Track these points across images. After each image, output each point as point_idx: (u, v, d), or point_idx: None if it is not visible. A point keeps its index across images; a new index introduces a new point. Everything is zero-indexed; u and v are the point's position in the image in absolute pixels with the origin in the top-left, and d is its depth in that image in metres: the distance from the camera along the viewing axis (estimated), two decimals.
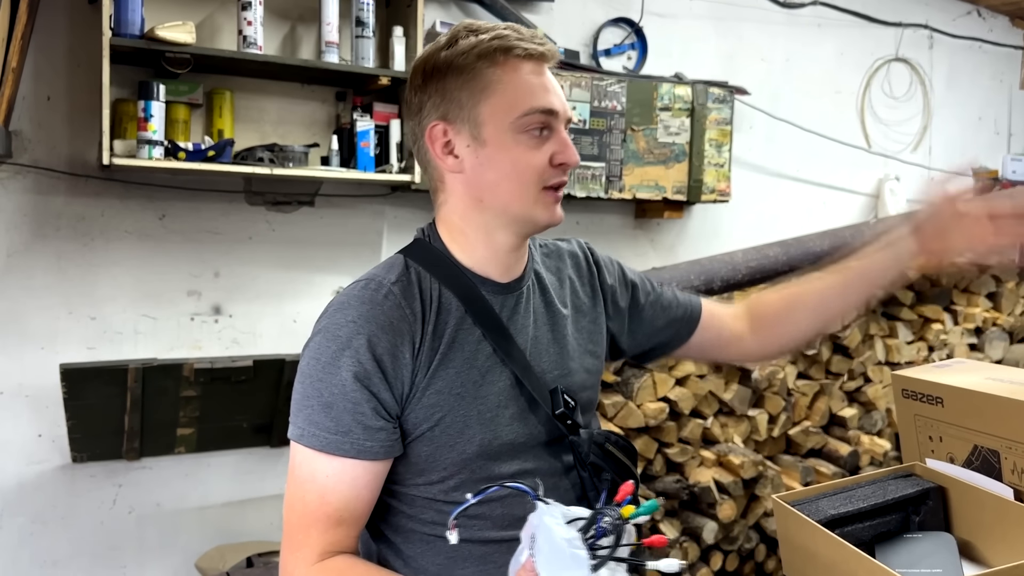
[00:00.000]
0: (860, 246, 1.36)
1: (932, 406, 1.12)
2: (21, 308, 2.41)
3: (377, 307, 1.07)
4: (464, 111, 1.09)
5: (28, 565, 2.46)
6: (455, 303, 1.12)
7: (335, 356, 1.06)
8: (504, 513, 1.11)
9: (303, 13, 2.65)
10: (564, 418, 1.15)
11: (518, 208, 1.11)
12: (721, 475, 2.99)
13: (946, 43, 4.06)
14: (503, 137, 1.08)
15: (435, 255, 1.15)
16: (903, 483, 1.10)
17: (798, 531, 1.02)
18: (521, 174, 1.09)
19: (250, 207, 2.67)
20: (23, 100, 2.35)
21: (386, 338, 1.06)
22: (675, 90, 3.11)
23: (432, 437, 1.09)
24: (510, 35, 1.09)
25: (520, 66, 1.09)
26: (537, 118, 1.08)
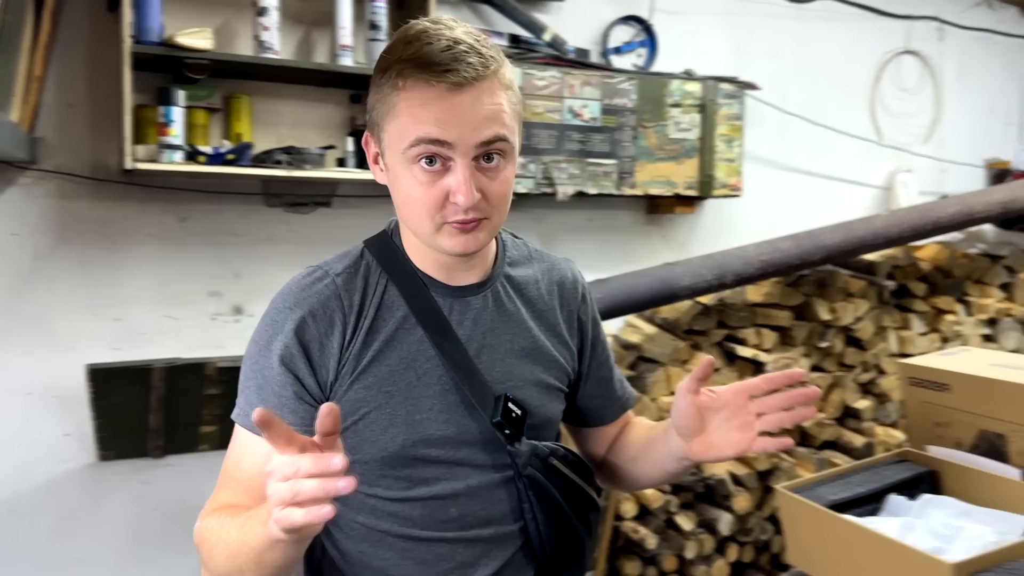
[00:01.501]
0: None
1: (939, 392, 1.15)
2: (47, 311, 2.46)
3: (313, 295, 1.08)
4: (377, 129, 1.07)
5: (57, 562, 2.51)
6: (400, 301, 1.11)
7: (268, 340, 1.08)
8: (424, 515, 1.11)
9: (317, 17, 2.69)
10: (502, 427, 1.10)
11: (423, 235, 1.08)
12: (736, 467, 3.02)
13: (956, 35, 4.06)
14: (399, 165, 1.04)
15: (391, 251, 1.15)
16: (897, 468, 1.13)
17: (803, 517, 1.05)
18: (415, 207, 1.04)
19: (268, 209, 2.71)
20: (47, 107, 2.40)
21: (315, 325, 1.07)
22: (685, 86, 3.14)
23: (356, 430, 1.09)
24: (425, 54, 1.00)
25: (417, 91, 1.01)
26: (422, 149, 1.01)
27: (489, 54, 1.04)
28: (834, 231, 3.19)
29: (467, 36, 1.03)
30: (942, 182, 4.08)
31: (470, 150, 1.02)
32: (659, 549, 2.91)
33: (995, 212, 3.47)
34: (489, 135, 1.02)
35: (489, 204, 1.05)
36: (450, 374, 1.10)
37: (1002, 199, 3.48)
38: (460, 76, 1.00)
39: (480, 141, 1.02)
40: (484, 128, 1.02)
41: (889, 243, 3.29)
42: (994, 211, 3.47)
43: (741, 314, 3.22)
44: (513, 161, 1.08)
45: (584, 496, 1.19)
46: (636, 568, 2.94)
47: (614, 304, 2.83)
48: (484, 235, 1.07)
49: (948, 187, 4.04)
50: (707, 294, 3.07)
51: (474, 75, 1.01)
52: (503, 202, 1.08)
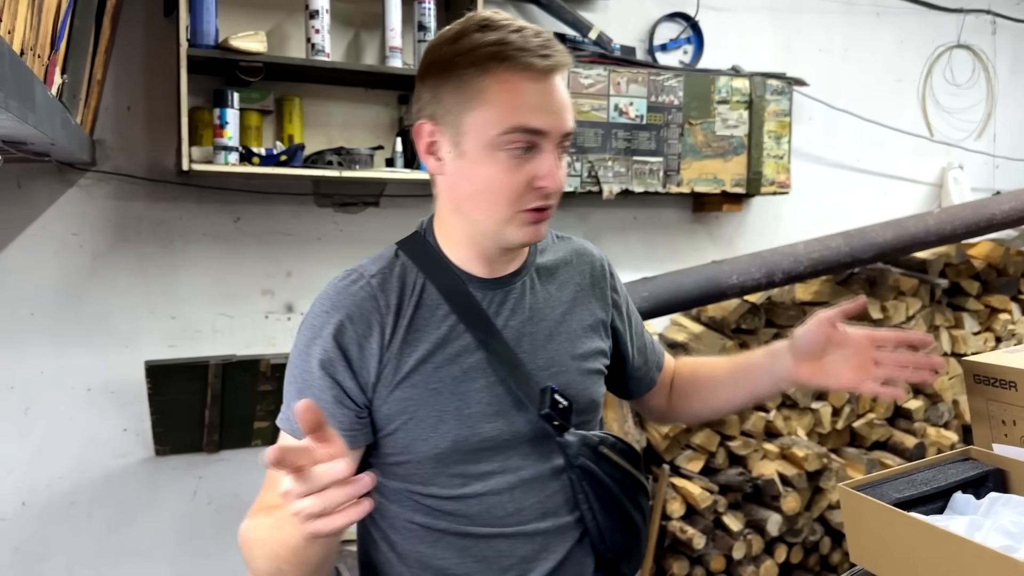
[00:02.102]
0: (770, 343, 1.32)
1: (1005, 390, 1.14)
2: (106, 308, 2.53)
3: (349, 298, 1.08)
4: (450, 116, 1.05)
5: (116, 554, 2.58)
6: (439, 298, 1.11)
7: (308, 345, 1.08)
8: (480, 511, 1.11)
9: (367, 20, 2.72)
10: (550, 418, 1.11)
11: (490, 225, 1.08)
12: (785, 468, 2.99)
13: (1010, 28, 3.98)
14: (481, 152, 1.04)
15: (425, 249, 1.14)
16: (962, 467, 1.11)
17: (870, 516, 1.04)
18: (494, 193, 1.04)
19: (319, 209, 2.76)
20: (105, 110, 2.47)
21: (352, 328, 1.07)
22: (732, 83, 3.12)
23: (407, 430, 1.08)
24: (513, 41, 1.02)
25: (514, 79, 1.02)
26: (519, 137, 1.02)
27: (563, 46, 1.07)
28: (885, 228, 3.15)
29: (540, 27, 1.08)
30: (995, 178, 4.00)
31: (557, 138, 1.05)
32: (707, 549, 2.89)
33: None
34: (569, 127, 1.06)
35: (558, 194, 1.09)
36: (494, 368, 1.10)
37: None
38: (554, 60, 1.03)
39: (565, 131, 1.05)
40: (567, 118, 1.06)
41: (941, 240, 3.24)
42: None
43: (790, 312, 3.19)
44: None
45: (636, 482, 1.19)
46: (683, 568, 2.92)
47: (660, 302, 2.82)
48: (545, 227, 1.10)
49: (1001, 183, 3.96)
50: (755, 292, 3.05)
51: (563, 61, 1.05)
52: (562, 193, 1.11)
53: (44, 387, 2.47)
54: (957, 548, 0.92)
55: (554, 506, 1.14)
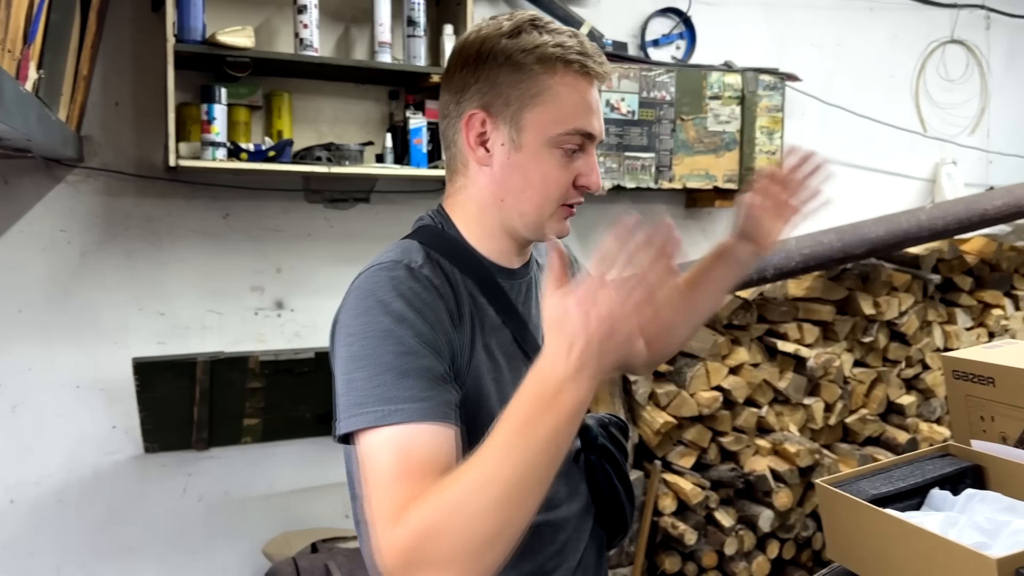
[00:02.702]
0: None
1: (984, 386, 1.13)
2: (94, 305, 2.52)
3: (415, 283, 1.02)
4: (509, 110, 1.07)
5: (105, 551, 2.58)
6: (475, 289, 1.11)
7: (393, 326, 0.98)
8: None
9: (356, 14, 2.71)
10: None
11: (534, 217, 1.11)
12: (777, 464, 2.99)
13: (1004, 23, 3.97)
14: (540, 148, 1.07)
15: (450, 242, 1.13)
16: (940, 463, 1.11)
17: (846, 512, 1.04)
18: (547, 188, 1.09)
19: (309, 205, 2.75)
20: (93, 106, 2.46)
21: (432, 312, 1.01)
22: (725, 78, 3.11)
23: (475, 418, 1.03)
24: (573, 46, 1.07)
25: (575, 82, 1.07)
26: (576, 139, 1.07)
27: None
28: (877, 224, 3.14)
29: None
30: (988, 174, 3.99)
31: (598, 142, 1.12)
32: (699, 545, 2.89)
33: None
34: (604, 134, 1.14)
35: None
36: (526, 358, 1.11)
37: None
38: (607, 68, 1.10)
39: (604, 138, 1.14)
40: (603, 125, 1.13)
41: (934, 236, 3.23)
42: None
43: (782, 308, 3.19)
44: None
45: (627, 455, 1.25)
46: (675, 564, 2.92)
47: None
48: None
49: (994, 179, 3.96)
50: (747, 288, 3.04)
51: (607, 74, 1.11)
52: None
53: (32, 384, 2.47)
54: (931, 545, 0.92)
55: (575, 488, 1.18)
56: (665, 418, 2.89)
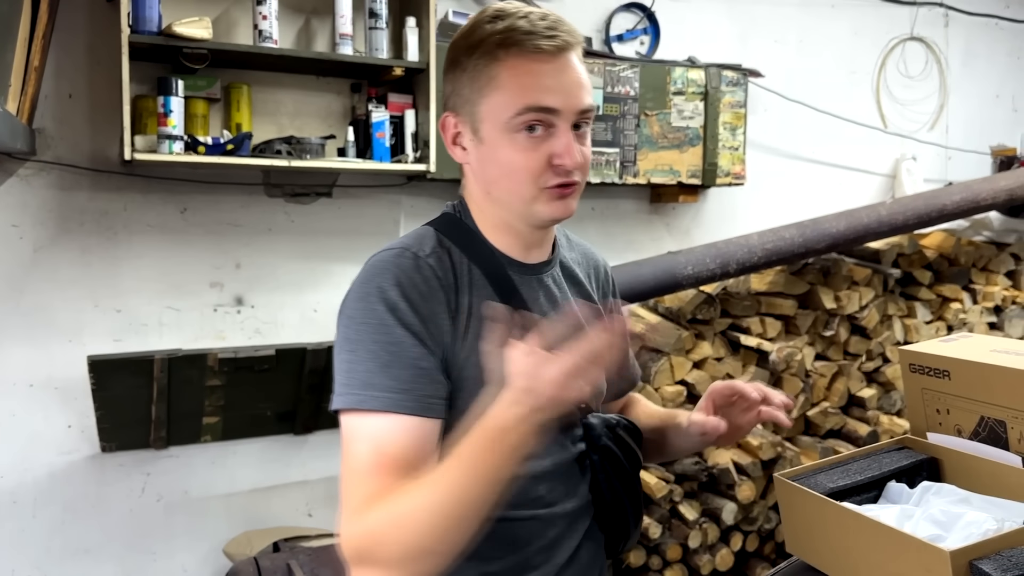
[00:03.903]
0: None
1: (939, 379, 1.14)
2: (48, 302, 2.46)
3: (416, 273, 1.06)
4: (468, 106, 1.09)
5: (61, 553, 2.52)
6: (484, 281, 1.11)
7: (384, 316, 1.02)
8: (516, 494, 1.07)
9: (317, 6, 2.68)
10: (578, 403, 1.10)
11: (518, 205, 1.10)
12: (740, 456, 3.01)
13: (962, 20, 4.03)
14: (498, 136, 1.07)
15: (465, 231, 1.15)
16: (897, 455, 1.12)
17: (802, 505, 1.04)
18: (515, 174, 1.07)
19: (269, 199, 2.71)
20: (45, 98, 2.40)
21: (426, 305, 1.04)
22: (688, 74, 3.12)
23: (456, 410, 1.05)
24: (520, 27, 1.06)
25: (522, 62, 1.06)
26: (530, 116, 1.05)
27: (573, 26, 1.10)
28: (838, 219, 3.17)
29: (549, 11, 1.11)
30: (948, 169, 4.05)
31: (571, 116, 1.06)
32: (663, 539, 2.90)
33: (1000, 199, 3.44)
34: (587, 103, 1.08)
35: (581, 170, 1.10)
36: None
37: (1008, 186, 3.45)
38: (561, 40, 1.06)
39: (580, 108, 1.07)
40: (581, 95, 1.08)
41: (894, 231, 3.27)
42: (999, 198, 3.44)
43: (745, 303, 3.21)
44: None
45: (639, 459, 1.22)
46: (640, 558, 2.93)
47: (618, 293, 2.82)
48: (575, 202, 1.11)
49: (954, 174, 4.01)
50: (710, 283, 3.06)
51: (571, 41, 1.08)
52: (588, 169, 1.13)
53: None
54: (886, 538, 0.92)
55: (574, 486, 1.17)
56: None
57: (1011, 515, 0.95)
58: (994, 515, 0.95)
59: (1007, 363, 1.06)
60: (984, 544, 0.86)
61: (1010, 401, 1.06)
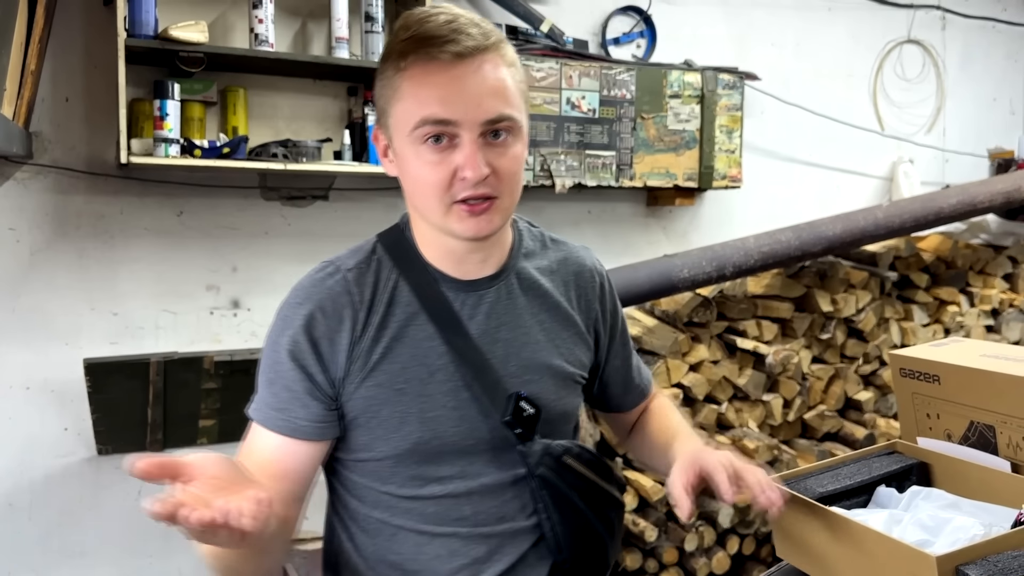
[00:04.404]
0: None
1: (929, 384, 1.15)
2: (45, 305, 2.47)
3: (324, 291, 1.08)
4: (384, 118, 1.07)
5: (57, 556, 2.52)
6: (411, 297, 1.10)
7: (279, 335, 1.08)
8: (437, 512, 1.11)
9: (313, 9, 2.68)
10: (513, 426, 1.09)
11: (434, 220, 1.06)
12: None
13: (959, 23, 4.03)
14: (407, 148, 1.03)
15: (403, 245, 1.13)
16: (887, 460, 1.12)
17: (791, 509, 1.04)
18: (422, 187, 1.04)
19: (266, 202, 2.71)
20: (42, 102, 2.41)
21: (324, 321, 1.06)
22: (685, 77, 3.12)
23: (369, 428, 1.09)
24: (422, 33, 1.01)
25: (418, 73, 1.01)
26: (428, 129, 1.00)
27: (489, 28, 1.05)
28: (834, 222, 3.17)
29: (467, 14, 1.05)
30: (945, 172, 4.06)
31: (475, 127, 1.00)
32: (659, 542, 2.90)
33: (997, 202, 3.45)
34: (494, 114, 1.01)
35: (499, 181, 1.03)
36: (461, 371, 1.09)
37: (1004, 189, 3.45)
38: (461, 46, 1.00)
39: (485, 119, 1.01)
40: (488, 105, 1.01)
41: (890, 234, 3.27)
42: (996, 201, 3.44)
43: (741, 306, 3.21)
44: (522, 140, 1.07)
45: (603, 495, 1.17)
46: (636, 561, 2.93)
47: None
48: (497, 218, 1.05)
49: (951, 177, 4.02)
50: (706, 286, 3.06)
51: (475, 45, 1.01)
52: (513, 180, 1.06)
53: None
54: (874, 542, 0.92)
55: (512, 511, 1.14)
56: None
57: (999, 520, 0.95)
58: (982, 520, 0.95)
59: (996, 368, 1.06)
60: (971, 549, 0.86)
61: (999, 406, 1.06)
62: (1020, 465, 1.05)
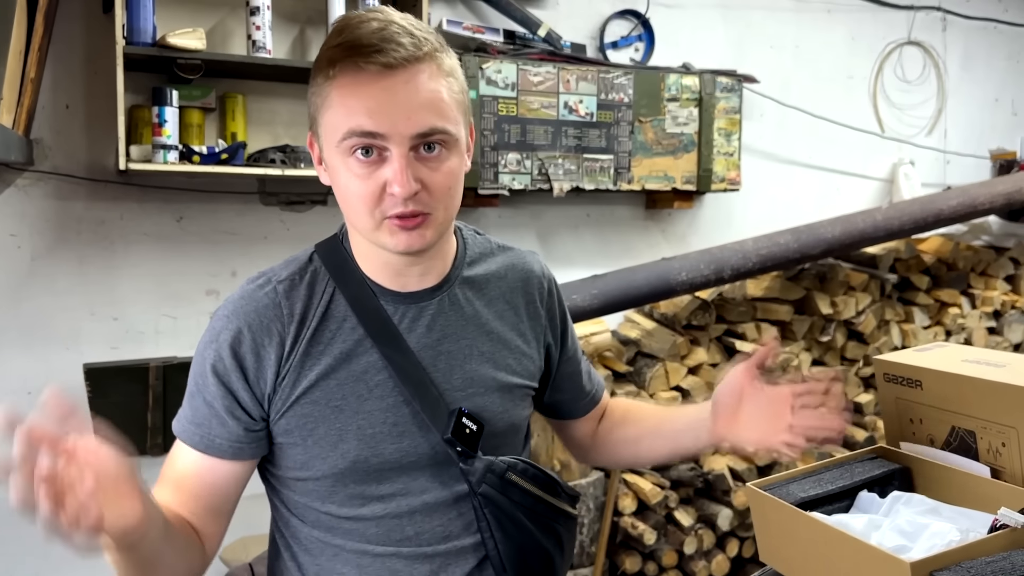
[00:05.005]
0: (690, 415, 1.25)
1: (912, 389, 1.15)
2: (46, 310, 2.49)
3: (252, 303, 1.04)
4: (315, 126, 1.02)
5: (59, 560, 2.54)
6: (347, 310, 1.06)
7: (204, 348, 1.05)
8: (379, 532, 1.08)
9: (311, 16, 2.70)
10: (453, 444, 1.05)
11: (366, 233, 1.02)
12: (735, 462, 3.01)
13: (960, 24, 4.03)
14: (335, 159, 0.99)
15: (340, 256, 1.09)
16: (870, 465, 1.13)
17: (773, 514, 1.05)
18: (354, 201, 0.99)
19: (264, 207, 2.73)
20: (42, 109, 2.43)
21: (251, 336, 1.03)
22: (683, 80, 3.13)
23: (305, 447, 1.05)
24: (352, 40, 0.96)
25: (347, 82, 0.96)
26: (355, 141, 0.96)
27: (423, 36, 0.99)
28: (833, 224, 3.18)
29: (402, 20, 0.99)
30: (946, 174, 4.05)
31: (405, 140, 0.96)
32: (658, 544, 2.91)
33: (998, 203, 3.44)
34: (425, 127, 0.97)
35: (431, 197, 0.99)
36: (400, 387, 1.05)
37: (1005, 190, 3.45)
38: (390, 56, 0.94)
39: (415, 133, 0.96)
40: (419, 118, 0.96)
41: (890, 236, 3.27)
42: (997, 202, 3.44)
43: (740, 308, 3.21)
44: (459, 153, 1.02)
45: (550, 509, 1.14)
46: (636, 563, 2.94)
47: (610, 300, 2.83)
48: (430, 232, 1.01)
49: (952, 179, 4.01)
50: (705, 289, 3.07)
51: (405, 56, 0.95)
52: (447, 195, 1.01)
53: None
54: (852, 548, 0.93)
55: (456, 529, 1.10)
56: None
57: (976, 525, 0.96)
58: (960, 525, 0.96)
59: (977, 374, 1.07)
60: (945, 555, 0.87)
61: (979, 412, 1.06)
62: (999, 470, 1.05)
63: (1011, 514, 0.91)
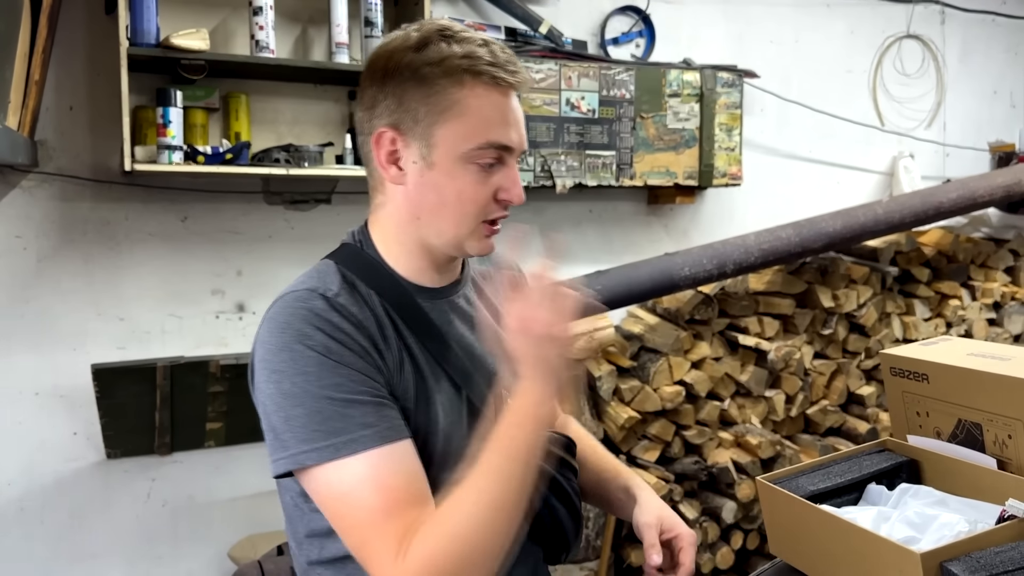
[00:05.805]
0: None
1: (919, 383, 1.16)
2: (52, 311, 2.50)
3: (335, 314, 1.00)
4: (419, 127, 1.04)
5: (68, 559, 2.56)
6: (393, 312, 1.07)
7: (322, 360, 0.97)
8: None
9: (313, 15, 2.70)
10: None
11: (453, 235, 1.07)
12: (739, 456, 3.03)
13: (958, 17, 4.03)
14: (453, 164, 1.04)
15: (368, 262, 1.10)
16: (878, 458, 1.14)
17: (783, 507, 1.06)
18: (463, 205, 1.05)
19: (269, 207, 2.74)
20: (47, 111, 2.44)
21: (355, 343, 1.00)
22: (684, 76, 3.14)
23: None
24: (482, 56, 1.03)
25: (486, 93, 1.03)
26: (491, 152, 1.04)
27: None
28: (834, 218, 3.19)
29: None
30: (946, 166, 4.06)
31: (519, 154, 1.08)
32: None
33: (998, 196, 3.46)
34: (527, 143, 1.10)
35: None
36: (450, 380, 1.09)
37: (1005, 182, 3.47)
38: (521, 77, 1.06)
39: (525, 147, 1.09)
40: (525, 136, 1.09)
41: (890, 229, 3.29)
42: (997, 195, 3.45)
43: (743, 303, 3.23)
44: None
45: (572, 468, 1.21)
46: (641, 557, 2.95)
47: (614, 295, 2.85)
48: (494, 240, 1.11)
49: (952, 171, 4.02)
50: (707, 283, 3.08)
51: (528, 78, 1.09)
52: None
53: None
54: (861, 540, 0.95)
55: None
56: (629, 413, 2.92)
57: (984, 516, 0.97)
58: (968, 517, 0.98)
59: (983, 367, 1.08)
60: (955, 546, 0.88)
61: (986, 404, 1.08)
62: (1006, 462, 1.07)
63: (1019, 505, 0.92)
